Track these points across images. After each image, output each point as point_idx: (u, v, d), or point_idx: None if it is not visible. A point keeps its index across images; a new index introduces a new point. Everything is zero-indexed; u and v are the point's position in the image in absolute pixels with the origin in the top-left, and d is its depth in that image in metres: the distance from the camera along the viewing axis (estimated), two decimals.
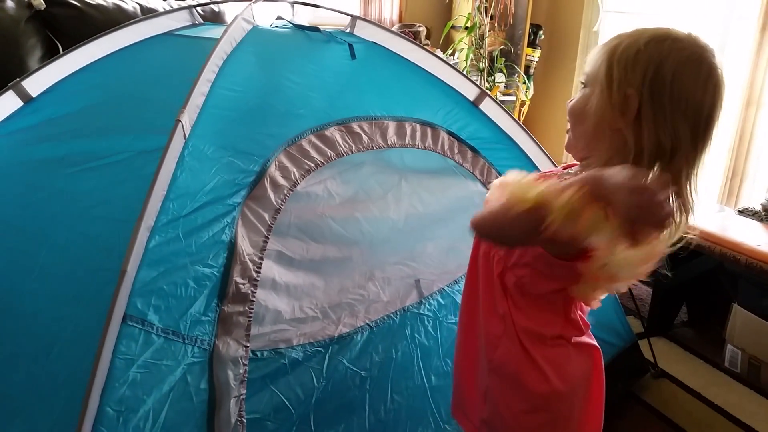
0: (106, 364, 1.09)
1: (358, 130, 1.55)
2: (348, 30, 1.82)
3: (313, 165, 1.45)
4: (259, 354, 1.38)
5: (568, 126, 1.11)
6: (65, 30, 2.64)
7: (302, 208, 1.55)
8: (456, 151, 1.76)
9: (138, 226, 1.15)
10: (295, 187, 1.41)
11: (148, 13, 2.68)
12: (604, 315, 2.10)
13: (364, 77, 1.72)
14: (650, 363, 2.41)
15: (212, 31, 1.78)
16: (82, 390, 1.05)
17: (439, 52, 4.04)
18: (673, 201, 0.98)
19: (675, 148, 0.97)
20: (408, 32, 4.17)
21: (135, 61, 1.66)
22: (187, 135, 1.31)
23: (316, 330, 1.52)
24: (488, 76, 4.27)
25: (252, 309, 1.30)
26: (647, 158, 0.97)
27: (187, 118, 1.31)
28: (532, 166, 1.96)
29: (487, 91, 1.92)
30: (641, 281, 1.01)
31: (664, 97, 0.96)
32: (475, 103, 1.89)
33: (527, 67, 4.55)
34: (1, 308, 1.27)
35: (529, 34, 4.45)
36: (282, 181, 1.38)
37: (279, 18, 1.91)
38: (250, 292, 1.30)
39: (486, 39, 4.21)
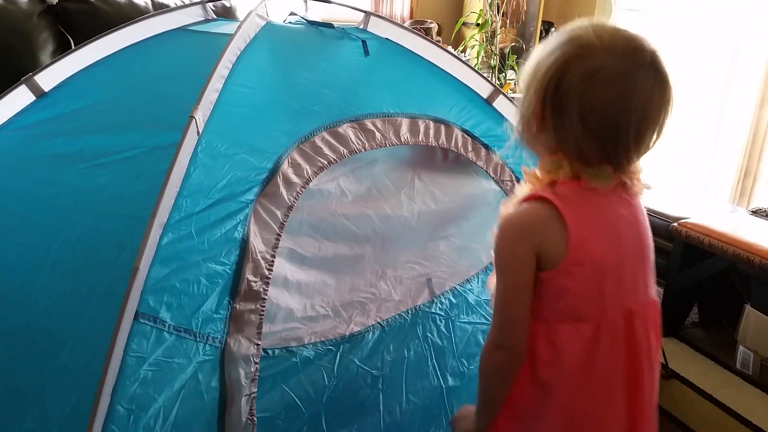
0: (118, 362, 1.08)
1: (371, 127, 1.54)
2: (361, 26, 1.81)
3: (326, 162, 1.44)
4: (270, 352, 1.38)
5: None
6: (77, 25, 2.64)
7: (315, 206, 1.55)
8: (470, 148, 1.75)
9: (151, 223, 1.15)
10: (308, 184, 1.40)
11: (159, 8, 2.68)
12: None
13: (377, 74, 1.71)
14: (661, 364, 2.39)
15: (226, 27, 1.77)
16: (93, 387, 1.05)
17: (450, 49, 4.03)
18: None
19: (581, 152, 1.00)
20: (419, 29, 4.15)
21: (148, 57, 1.65)
22: (200, 131, 1.30)
23: (328, 328, 1.52)
24: (499, 73, 4.25)
25: (264, 307, 1.29)
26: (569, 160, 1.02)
27: (201, 115, 1.30)
28: None
29: (501, 89, 1.90)
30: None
31: (561, 105, 0.98)
32: (488, 101, 1.87)
33: None
34: (14, 303, 1.27)
35: (541, 31, 4.42)
36: (295, 179, 1.37)
37: (292, 14, 1.91)
38: (262, 290, 1.29)
39: (497, 36, 4.19)
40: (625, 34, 0.99)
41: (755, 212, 2.60)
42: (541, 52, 1.04)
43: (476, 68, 3.66)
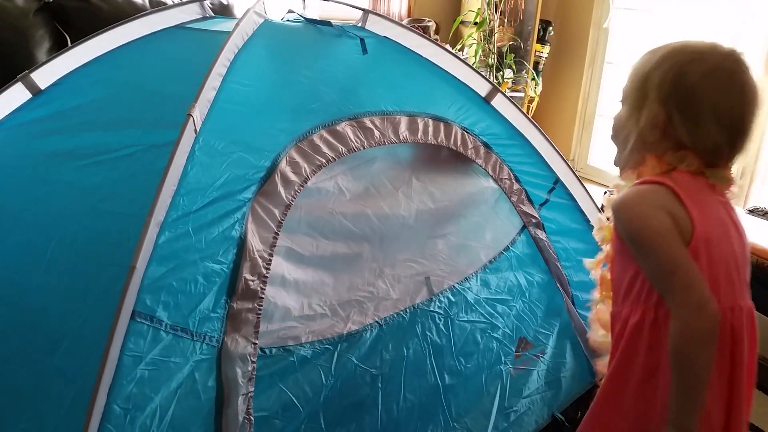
0: (114, 361, 1.08)
1: (370, 125, 1.53)
2: (360, 24, 1.80)
3: (324, 160, 1.43)
4: (267, 351, 1.37)
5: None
6: (74, 22, 2.63)
7: (312, 204, 1.54)
8: (469, 146, 1.74)
9: (148, 222, 1.14)
10: (306, 182, 1.40)
11: (157, 5, 2.67)
12: None
13: (375, 72, 1.70)
14: None
15: (223, 25, 1.76)
16: (89, 387, 1.04)
17: (448, 48, 4.02)
18: None
19: (716, 151, 1.05)
20: (417, 27, 4.14)
21: (145, 54, 1.64)
22: (197, 129, 1.29)
23: (325, 327, 1.51)
24: (497, 71, 4.24)
25: (261, 306, 1.29)
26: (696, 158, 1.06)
27: (198, 113, 1.30)
28: (543, 163, 1.95)
29: (499, 88, 1.90)
30: None
31: (691, 108, 1.02)
32: (486, 99, 1.87)
33: (536, 63, 4.51)
34: (9, 302, 1.27)
35: (539, 29, 4.41)
36: (293, 177, 1.37)
37: (290, 11, 1.90)
38: (259, 288, 1.29)
39: (495, 34, 4.18)
40: (713, 41, 1.07)
41: (752, 211, 2.59)
42: (642, 68, 1.08)
43: (474, 67, 3.65)
